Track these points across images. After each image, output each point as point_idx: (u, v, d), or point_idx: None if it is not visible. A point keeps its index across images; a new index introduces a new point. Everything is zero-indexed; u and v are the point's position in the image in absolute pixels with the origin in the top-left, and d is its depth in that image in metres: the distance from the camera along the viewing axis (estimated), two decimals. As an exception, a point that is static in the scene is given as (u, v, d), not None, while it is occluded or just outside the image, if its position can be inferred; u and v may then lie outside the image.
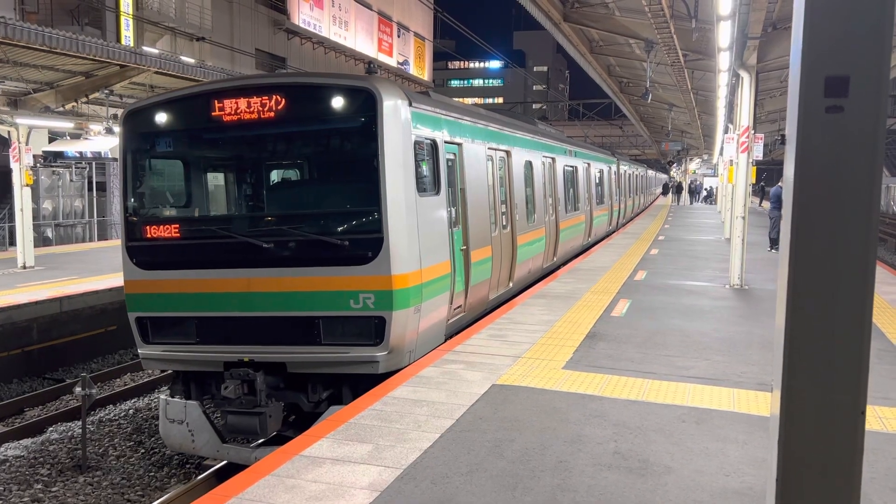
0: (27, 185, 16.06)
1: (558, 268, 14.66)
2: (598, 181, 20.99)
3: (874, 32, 2.33)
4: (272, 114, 6.90)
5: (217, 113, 7.05)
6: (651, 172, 51.22)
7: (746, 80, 12.15)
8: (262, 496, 4.13)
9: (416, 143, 7.19)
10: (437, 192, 7.69)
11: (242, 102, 6.96)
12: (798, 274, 2.48)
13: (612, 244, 19.10)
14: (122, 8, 25.70)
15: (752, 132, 12.18)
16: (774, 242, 17.26)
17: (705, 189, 54.67)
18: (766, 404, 5.74)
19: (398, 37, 46.13)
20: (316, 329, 6.79)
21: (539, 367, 6.78)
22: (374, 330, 6.69)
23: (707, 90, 23.17)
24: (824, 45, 2.37)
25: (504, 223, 10.70)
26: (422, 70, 50.09)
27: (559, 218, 14.81)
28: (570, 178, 16.78)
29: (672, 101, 31.10)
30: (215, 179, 7.93)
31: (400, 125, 6.86)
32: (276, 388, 7.04)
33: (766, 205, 33.87)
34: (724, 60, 12.47)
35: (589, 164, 19.35)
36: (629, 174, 31.11)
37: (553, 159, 14.64)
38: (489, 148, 10.01)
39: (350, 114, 6.86)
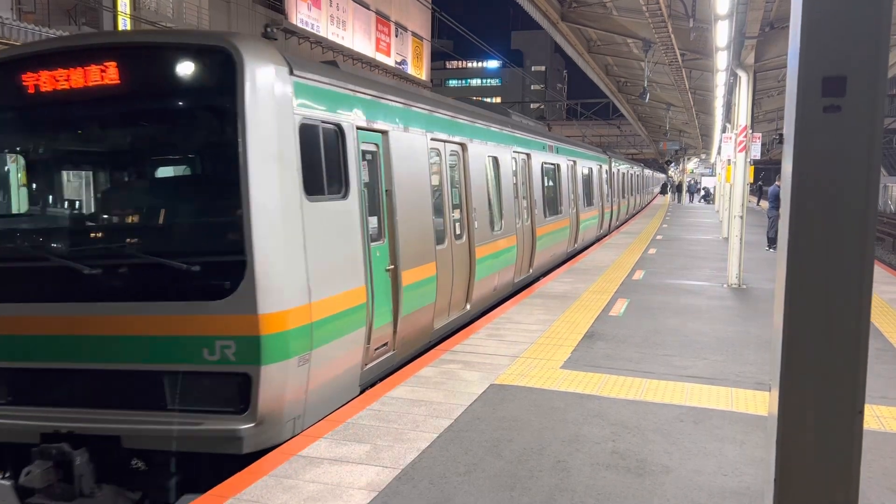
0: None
1: (537, 279, 13.17)
2: (586, 181, 19.30)
3: (871, 33, 2.33)
4: (97, 88, 5.08)
5: (25, 87, 5.20)
6: (648, 172, 50.86)
7: (744, 79, 12.17)
8: (260, 496, 4.13)
9: (303, 126, 5.38)
10: (344, 196, 5.87)
11: (60, 73, 5.13)
12: (796, 273, 2.48)
13: (610, 244, 19.11)
14: (120, 8, 25.68)
15: (750, 131, 12.19)
16: (772, 241, 17.28)
17: (703, 189, 54.81)
18: (763, 404, 5.75)
19: (396, 36, 46.11)
20: (159, 389, 4.96)
21: (537, 367, 6.78)
22: (235, 392, 4.86)
23: (705, 90, 23.19)
24: (822, 45, 2.37)
25: (457, 232, 8.87)
26: (420, 70, 50.11)
27: (536, 223, 13.06)
28: (552, 177, 15.09)
29: (670, 100, 31.12)
30: (25, 177, 5.85)
31: (273, 101, 5.06)
32: (108, 470, 5.08)
33: (764, 204, 33.93)
34: (721, 60, 12.50)
35: (575, 162, 17.59)
36: (623, 173, 29.47)
37: (528, 155, 12.88)
38: (434, 139, 8.13)
39: (200, 85, 5.09)
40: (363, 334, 6.10)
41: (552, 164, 15.01)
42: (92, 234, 5.49)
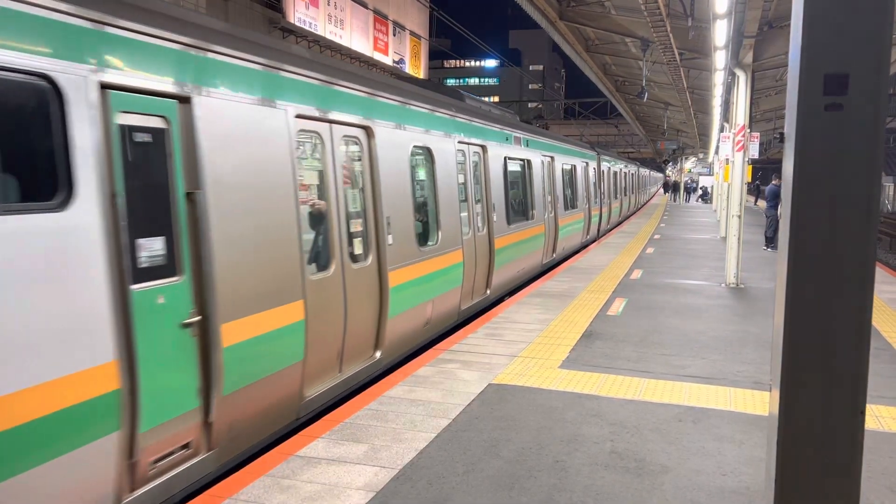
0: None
1: (499, 301, 11.19)
2: (567, 180, 17.08)
3: (873, 30, 2.32)
4: None
5: None
6: (645, 171, 50.53)
7: (742, 78, 12.16)
8: (258, 497, 4.11)
9: None
10: (61, 205, 3.53)
11: None
12: (797, 272, 2.47)
13: (607, 244, 19.10)
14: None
15: (748, 131, 12.19)
16: (770, 241, 17.30)
17: (700, 188, 55.01)
18: (762, 403, 5.74)
19: (394, 35, 46.09)
20: None
21: (535, 367, 6.77)
22: None
23: (703, 89, 23.20)
24: (823, 42, 2.35)
25: (356, 252, 6.41)
26: (417, 69, 50.08)
27: (494, 232, 10.61)
28: (520, 175, 12.77)
29: (668, 99, 31.12)
30: None
31: None
32: None
33: (762, 203, 33.84)
34: (720, 59, 12.48)
35: (552, 158, 15.33)
36: (615, 172, 27.15)
37: (483, 148, 10.40)
38: (303, 117, 5.59)
39: None
40: (114, 445, 3.75)
41: (520, 159, 12.66)
42: None
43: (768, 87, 21.67)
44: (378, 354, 6.85)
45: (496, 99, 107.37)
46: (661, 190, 64.82)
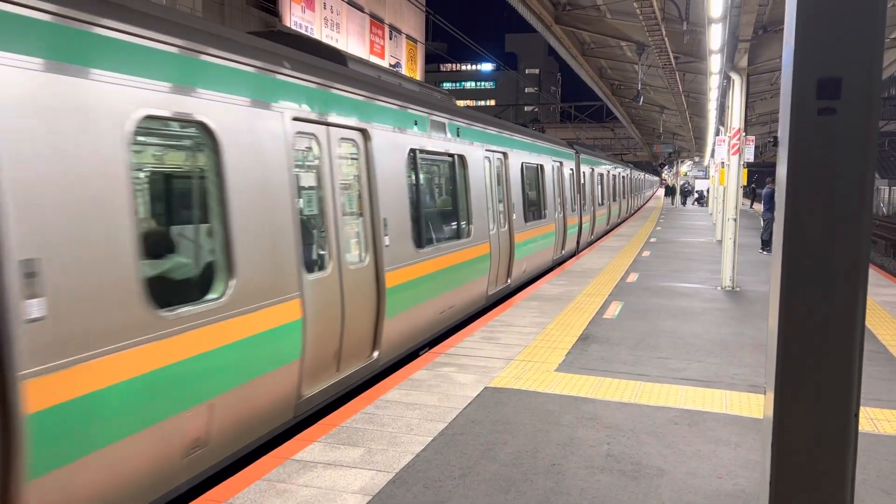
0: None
1: (404, 362, 7.72)
2: (532, 184, 13.78)
3: (866, 34, 2.33)
4: None
5: None
6: (638, 173, 49.09)
7: (737, 82, 12.21)
8: (253, 501, 4.10)
9: None
10: None
11: None
12: (791, 276, 2.47)
13: (603, 247, 19.12)
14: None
15: (744, 134, 12.23)
16: (766, 244, 17.33)
17: (696, 192, 55.24)
18: (758, 406, 5.75)
19: (390, 39, 46.14)
20: None
21: (532, 370, 6.77)
22: None
23: (698, 92, 23.27)
24: (817, 46, 2.36)
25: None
26: (414, 72, 50.12)
27: (388, 261, 6.94)
28: (446, 177, 9.46)
29: (663, 103, 31.22)
30: None
31: None
32: None
33: (758, 207, 33.91)
34: (715, 63, 12.53)
35: (505, 155, 11.72)
36: (601, 174, 23.38)
37: (363, 133, 6.70)
38: None
39: None
40: None
41: (445, 154, 9.07)
42: None
43: (763, 91, 21.75)
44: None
45: (492, 102, 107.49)
46: (662, 193, 65.75)
